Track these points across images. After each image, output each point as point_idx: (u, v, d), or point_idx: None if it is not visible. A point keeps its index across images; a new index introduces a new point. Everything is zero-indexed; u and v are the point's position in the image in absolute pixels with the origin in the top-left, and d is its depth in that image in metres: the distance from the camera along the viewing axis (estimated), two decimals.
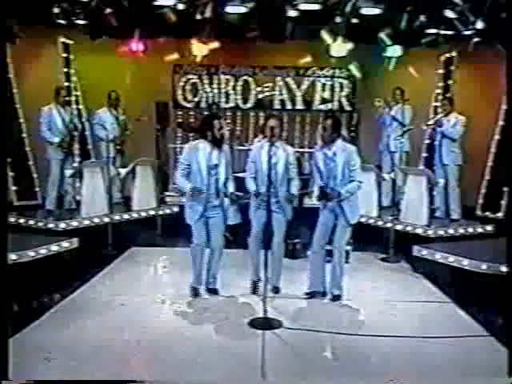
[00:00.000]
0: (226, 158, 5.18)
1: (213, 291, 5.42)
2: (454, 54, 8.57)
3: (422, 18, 7.39)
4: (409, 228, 7.11)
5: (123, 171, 7.85)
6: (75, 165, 7.90)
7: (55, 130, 7.53)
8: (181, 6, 7.38)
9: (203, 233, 5.25)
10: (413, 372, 3.97)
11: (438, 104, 8.73)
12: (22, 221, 7.12)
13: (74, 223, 7.03)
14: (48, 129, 7.49)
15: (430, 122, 7.88)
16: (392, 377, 3.83)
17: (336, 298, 5.31)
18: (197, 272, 5.38)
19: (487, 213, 8.08)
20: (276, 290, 5.49)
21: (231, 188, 5.24)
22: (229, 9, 7.45)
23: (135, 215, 7.74)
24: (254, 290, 5.42)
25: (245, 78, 9.84)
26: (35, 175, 8.26)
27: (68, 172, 7.53)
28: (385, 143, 8.43)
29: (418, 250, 6.31)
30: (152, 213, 7.92)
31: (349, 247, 6.44)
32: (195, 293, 5.35)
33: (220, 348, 4.27)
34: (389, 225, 7.15)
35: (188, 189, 5.08)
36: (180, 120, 9.84)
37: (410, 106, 8.27)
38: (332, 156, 5.08)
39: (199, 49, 8.81)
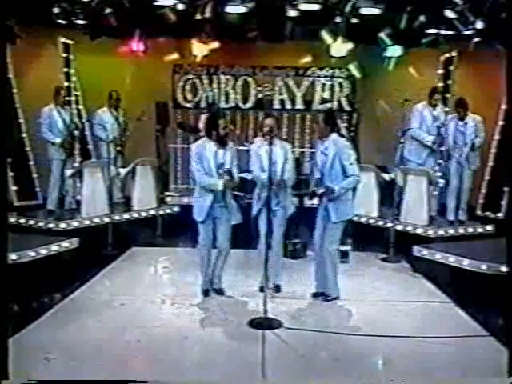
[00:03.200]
0: (231, 156, 5.18)
1: (218, 291, 5.42)
2: (454, 53, 8.56)
3: (422, 18, 7.38)
4: (409, 228, 7.12)
5: (123, 171, 7.85)
6: (76, 165, 7.89)
7: (56, 130, 7.50)
8: (181, 6, 7.37)
9: (210, 233, 5.25)
10: (413, 372, 3.97)
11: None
12: (22, 221, 7.11)
13: (74, 223, 7.03)
14: (48, 129, 7.47)
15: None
16: (392, 377, 3.84)
17: (327, 299, 5.27)
18: (206, 273, 5.38)
19: (487, 213, 8.07)
20: (277, 288, 5.49)
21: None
22: (229, 9, 7.44)
23: (135, 215, 7.73)
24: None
25: (245, 77, 9.82)
26: (35, 175, 8.24)
27: (68, 172, 7.53)
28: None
29: (418, 250, 6.31)
30: (152, 213, 7.91)
31: (348, 247, 6.45)
32: (206, 294, 5.36)
33: (220, 348, 4.28)
34: (389, 225, 7.15)
35: (220, 185, 5.03)
36: (180, 120, 9.84)
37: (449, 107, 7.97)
38: (324, 150, 5.11)
39: (199, 49, 8.79)
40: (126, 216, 7.63)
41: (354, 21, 7.62)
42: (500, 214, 7.87)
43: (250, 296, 5.34)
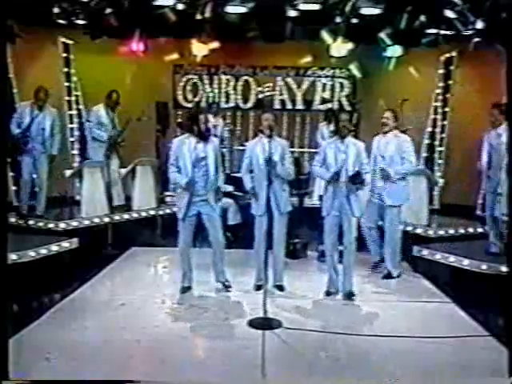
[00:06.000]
0: (214, 151, 5.23)
1: (225, 285, 5.49)
2: (454, 53, 8.56)
3: (422, 18, 7.38)
4: (409, 228, 7.11)
5: (123, 171, 7.85)
6: (75, 165, 7.87)
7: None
8: (181, 6, 7.38)
9: (187, 232, 5.31)
10: (413, 372, 3.97)
11: (438, 104, 8.74)
12: (22, 221, 7.10)
13: (74, 223, 7.03)
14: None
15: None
16: (392, 377, 3.84)
17: (350, 295, 5.35)
18: (184, 271, 5.45)
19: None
20: (280, 288, 5.52)
21: (220, 182, 5.33)
22: (229, 9, 7.45)
23: (135, 215, 7.74)
24: (259, 289, 5.41)
25: (245, 78, 9.84)
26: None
27: (68, 172, 7.52)
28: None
29: (417, 250, 6.32)
30: (152, 213, 7.92)
31: None
32: (183, 291, 5.42)
33: (220, 348, 4.27)
34: None
35: (183, 182, 5.13)
36: (180, 120, 9.84)
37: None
38: (345, 149, 5.21)
39: (199, 49, 8.81)
40: (126, 216, 7.64)
41: (354, 21, 7.63)
42: None
43: (249, 296, 5.34)
